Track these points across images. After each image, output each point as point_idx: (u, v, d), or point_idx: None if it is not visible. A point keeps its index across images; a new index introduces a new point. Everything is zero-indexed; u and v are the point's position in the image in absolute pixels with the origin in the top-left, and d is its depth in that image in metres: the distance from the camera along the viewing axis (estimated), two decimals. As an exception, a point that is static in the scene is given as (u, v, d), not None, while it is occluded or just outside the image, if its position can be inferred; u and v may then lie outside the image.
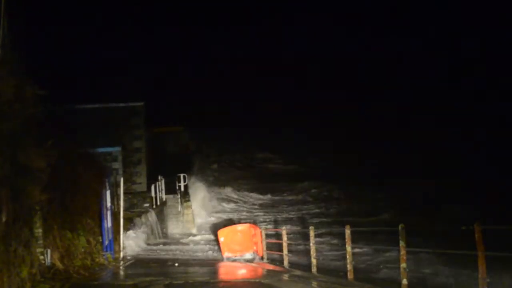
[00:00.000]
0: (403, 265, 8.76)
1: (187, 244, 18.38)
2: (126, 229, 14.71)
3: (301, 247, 15.84)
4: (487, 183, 24.97)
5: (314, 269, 11.59)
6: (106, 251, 11.94)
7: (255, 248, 14.76)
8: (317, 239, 14.21)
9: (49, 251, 9.42)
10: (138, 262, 12.81)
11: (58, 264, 9.68)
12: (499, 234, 7.44)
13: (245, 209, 27.86)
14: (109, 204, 12.52)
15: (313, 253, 11.72)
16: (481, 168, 28.49)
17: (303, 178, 33.27)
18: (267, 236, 15.34)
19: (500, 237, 7.80)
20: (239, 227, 15.67)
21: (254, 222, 20.92)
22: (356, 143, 37.20)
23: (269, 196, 30.29)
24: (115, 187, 14.53)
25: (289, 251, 13.56)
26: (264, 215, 25.86)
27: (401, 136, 36.16)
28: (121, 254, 12.93)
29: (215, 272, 12.19)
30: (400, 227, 8.92)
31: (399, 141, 35.43)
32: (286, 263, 13.09)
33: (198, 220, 24.02)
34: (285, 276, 10.94)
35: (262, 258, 14.61)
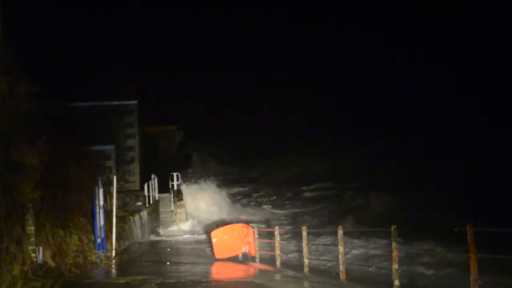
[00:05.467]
0: (395, 266, 8.79)
1: (179, 242, 18.34)
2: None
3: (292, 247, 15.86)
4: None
5: (306, 269, 11.60)
6: (99, 249, 11.89)
7: (247, 247, 14.75)
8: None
9: (41, 248, 9.40)
10: (130, 261, 12.77)
11: (50, 262, 9.64)
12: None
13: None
14: (102, 202, 12.46)
15: (305, 253, 11.71)
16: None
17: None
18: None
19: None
20: (232, 227, 15.64)
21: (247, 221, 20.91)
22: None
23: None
24: (108, 185, 14.47)
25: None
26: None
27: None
28: (113, 253, 12.89)
29: (207, 272, 12.18)
30: (392, 228, 8.96)
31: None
32: (278, 263, 13.07)
33: (191, 219, 23.99)
34: (277, 276, 10.95)
35: (254, 257, 14.60)
